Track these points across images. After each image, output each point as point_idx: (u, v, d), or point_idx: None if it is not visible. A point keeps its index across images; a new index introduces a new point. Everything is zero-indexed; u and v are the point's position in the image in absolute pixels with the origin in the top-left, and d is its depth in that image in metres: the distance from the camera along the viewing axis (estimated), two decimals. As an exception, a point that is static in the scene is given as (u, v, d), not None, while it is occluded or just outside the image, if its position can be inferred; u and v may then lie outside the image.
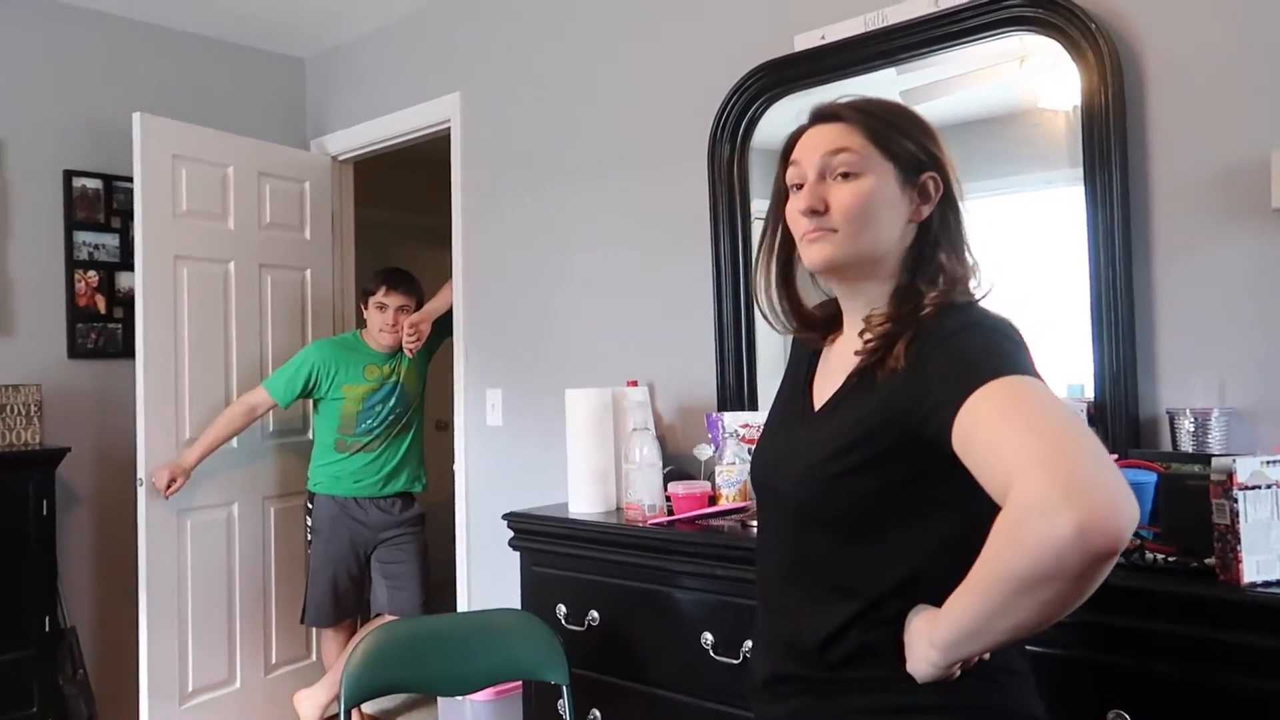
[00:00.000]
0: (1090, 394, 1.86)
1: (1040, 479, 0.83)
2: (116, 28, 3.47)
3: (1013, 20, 1.95)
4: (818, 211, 1.12)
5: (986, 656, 1.03)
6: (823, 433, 1.12)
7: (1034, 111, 2.05)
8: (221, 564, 3.31)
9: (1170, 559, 1.45)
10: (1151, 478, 1.58)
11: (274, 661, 3.46)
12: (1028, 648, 1.12)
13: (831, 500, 1.09)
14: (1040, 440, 0.86)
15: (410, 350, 3.23)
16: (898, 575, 1.05)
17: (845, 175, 1.12)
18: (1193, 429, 1.70)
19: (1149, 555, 1.46)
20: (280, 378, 3.20)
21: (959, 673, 1.00)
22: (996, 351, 0.97)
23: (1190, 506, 1.48)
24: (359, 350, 3.24)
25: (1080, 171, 1.87)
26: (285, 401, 3.21)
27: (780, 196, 1.20)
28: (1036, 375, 0.95)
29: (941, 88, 2.16)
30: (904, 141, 1.13)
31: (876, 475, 1.05)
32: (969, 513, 0.94)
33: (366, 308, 3.27)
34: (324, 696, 3.20)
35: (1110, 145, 1.81)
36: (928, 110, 2.17)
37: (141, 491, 3.06)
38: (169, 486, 3.04)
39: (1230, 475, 1.37)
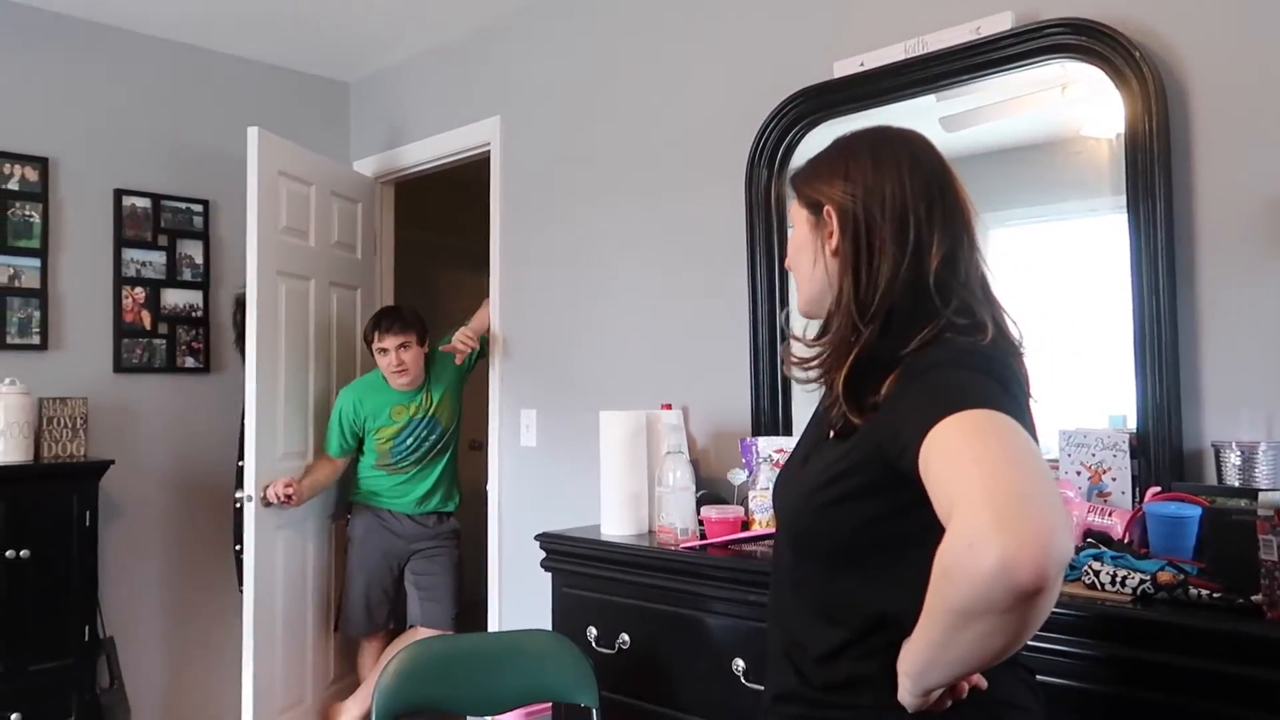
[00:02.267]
0: (1133, 425, 1.83)
1: (973, 511, 0.83)
2: (165, 51, 3.57)
3: (1054, 48, 1.94)
4: (787, 269, 1.28)
5: (984, 685, 1.03)
6: (822, 461, 1.14)
7: (1076, 139, 2.03)
8: (299, 581, 3.29)
9: (1214, 595, 1.41)
10: (1195, 511, 1.55)
11: (330, 678, 3.45)
12: (1058, 681, 1.10)
13: (817, 529, 1.11)
14: (983, 472, 0.86)
15: (459, 356, 3.24)
16: (873, 610, 1.06)
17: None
18: (1239, 462, 1.66)
19: (1192, 591, 1.42)
20: (330, 437, 3.25)
21: (949, 702, 1.01)
22: (967, 386, 0.97)
23: (1236, 542, 1.45)
24: (384, 392, 3.23)
25: (1123, 199, 1.85)
26: (342, 454, 3.27)
27: None
28: (1013, 412, 0.93)
29: (982, 114, 2.15)
30: (802, 185, 1.20)
31: (859, 509, 1.06)
32: None
33: (373, 354, 3.24)
34: (357, 711, 3.21)
35: (1154, 174, 1.79)
36: (968, 136, 2.19)
37: (250, 507, 3.02)
38: (288, 499, 3.04)
39: (1278, 510, 1.34)
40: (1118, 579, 1.48)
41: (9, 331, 3.16)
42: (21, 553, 2.87)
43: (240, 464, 3.36)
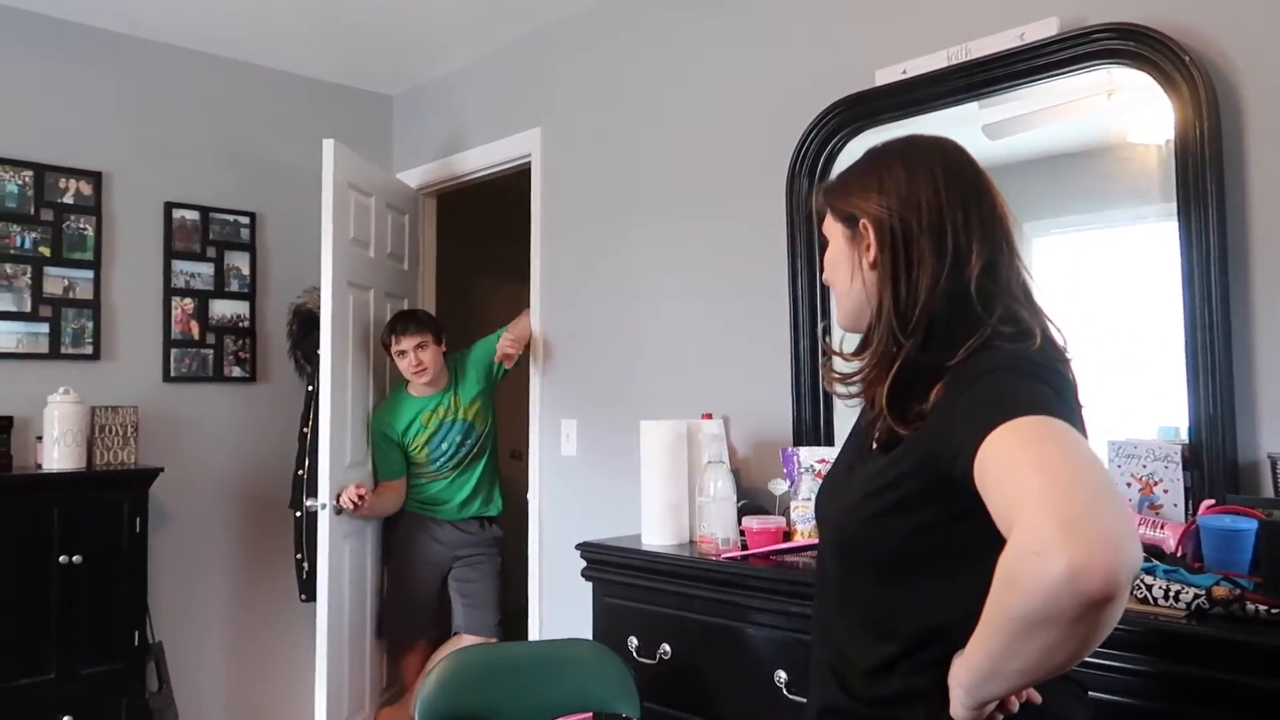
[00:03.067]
0: (1185, 437, 1.79)
1: (1039, 518, 0.81)
2: (215, 67, 3.64)
3: (1101, 53, 1.91)
4: (826, 285, 1.26)
5: (1038, 700, 1.02)
6: (867, 472, 1.13)
7: (1123, 145, 2.00)
8: (360, 589, 3.30)
9: (1272, 611, 1.38)
10: (1251, 525, 1.52)
11: (382, 685, 3.47)
12: (1109, 697, 1.08)
13: (864, 541, 1.10)
14: (1045, 479, 0.84)
15: (509, 361, 3.26)
16: (924, 623, 1.05)
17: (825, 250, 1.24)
18: (1296, 475, 1.62)
19: (1249, 606, 1.39)
20: (382, 462, 3.28)
21: (1000, 717, 0.99)
22: (1022, 392, 0.95)
23: (1294, 556, 1.41)
24: (408, 404, 3.27)
25: (1173, 206, 1.82)
26: (399, 475, 3.30)
27: None
28: (1069, 418, 0.92)
29: (1025, 121, 2.13)
30: (836, 199, 1.19)
31: (908, 519, 1.05)
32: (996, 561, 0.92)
33: (391, 359, 3.26)
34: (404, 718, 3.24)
35: (1206, 180, 1.76)
36: (1012, 144, 2.16)
37: (324, 515, 3.05)
38: (360, 500, 3.06)
39: (1338, 524, 1.30)
40: (1171, 593, 1.45)
41: (63, 341, 3.24)
42: (74, 558, 2.94)
43: (300, 473, 3.42)
